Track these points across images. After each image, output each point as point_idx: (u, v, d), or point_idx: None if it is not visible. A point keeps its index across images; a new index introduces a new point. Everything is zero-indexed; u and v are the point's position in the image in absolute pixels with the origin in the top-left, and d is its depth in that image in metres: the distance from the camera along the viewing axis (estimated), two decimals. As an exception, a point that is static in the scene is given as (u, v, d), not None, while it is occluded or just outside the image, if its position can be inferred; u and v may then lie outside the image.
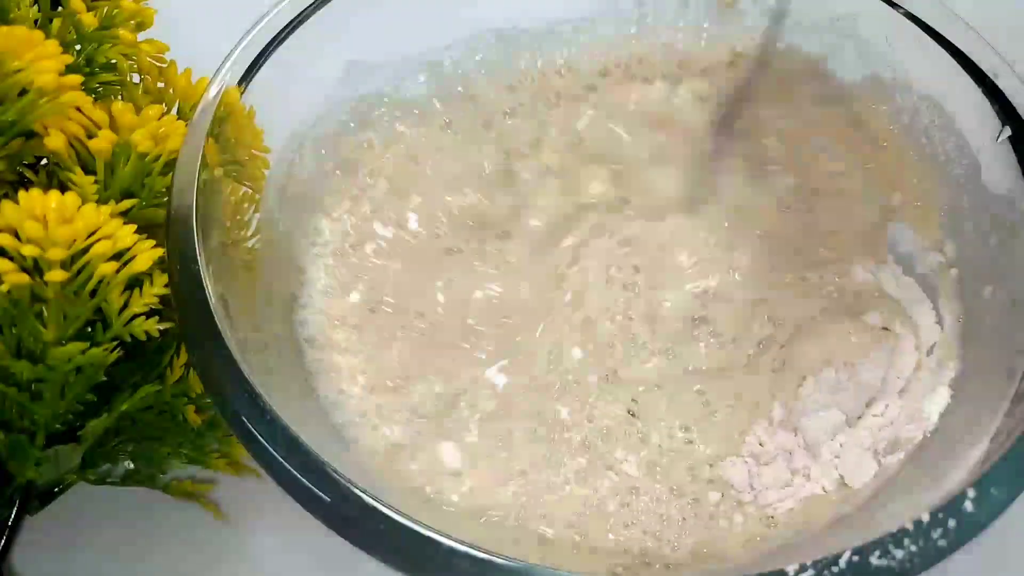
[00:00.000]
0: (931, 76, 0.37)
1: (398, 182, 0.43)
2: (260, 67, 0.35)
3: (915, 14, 0.37)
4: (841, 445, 0.34)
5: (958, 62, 0.35)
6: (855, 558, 0.24)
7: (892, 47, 0.38)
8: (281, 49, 0.36)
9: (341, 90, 0.41)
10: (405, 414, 0.36)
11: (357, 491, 0.25)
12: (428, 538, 0.24)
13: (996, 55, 0.35)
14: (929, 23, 0.36)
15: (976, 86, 0.35)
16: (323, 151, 0.41)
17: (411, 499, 0.34)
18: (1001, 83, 0.34)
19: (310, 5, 0.37)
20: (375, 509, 0.25)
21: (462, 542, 0.24)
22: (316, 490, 0.26)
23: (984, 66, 0.35)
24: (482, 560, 0.24)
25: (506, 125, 0.45)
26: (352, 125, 0.42)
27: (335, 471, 0.26)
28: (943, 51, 0.36)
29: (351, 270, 0.40)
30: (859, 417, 0.35)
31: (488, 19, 0.44)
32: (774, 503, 0.33)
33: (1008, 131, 0.34)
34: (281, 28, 0.36)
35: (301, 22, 0.37)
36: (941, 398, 0.34)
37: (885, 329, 0.37)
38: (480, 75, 0.45)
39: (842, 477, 0.34)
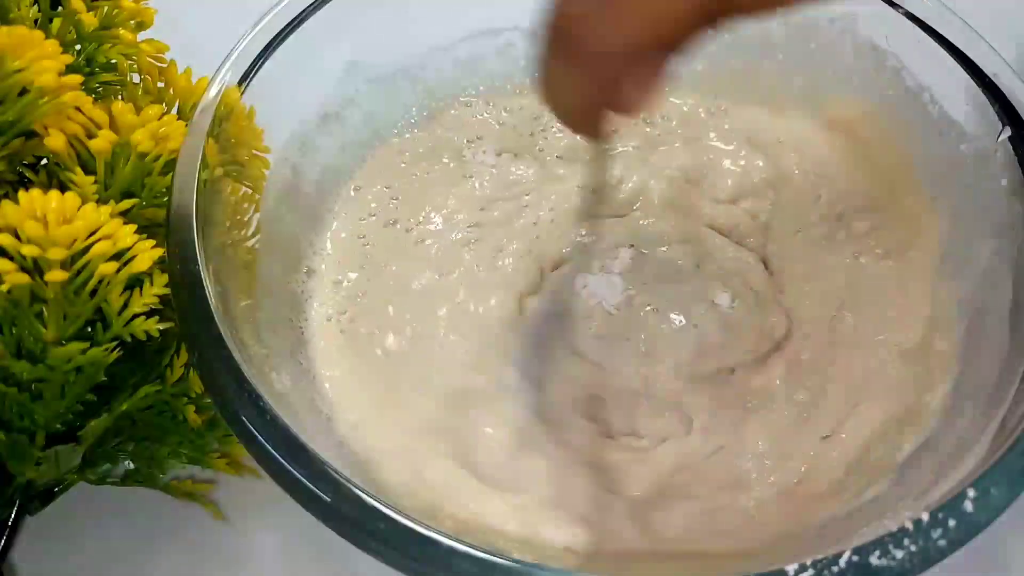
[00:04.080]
0: (931, 76, 0.37)
1: (400, 182, 0.43)
2: (260, 67, 0.35)
3: (915, 14, 0.37)
4: None
5: (958, 62, 0.35)
6: (855, 558, 0.24)
7: (892, 47, 0.38)
8: (281, 49, 0.36)
9: (342, 90, 0.41)
10: (404, 413, 0.36)
11: (357, 491, 0.25)
12: (428, 538, 0.24)
13: (996, 55, 0.35)
14: (929, 23, 0.36)
15: (977, 86, 0.35)
16: (324, 150, 0.41)
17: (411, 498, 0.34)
18: (1001, 83, 0.34)
19: (310, 5, 0.37)
20: (375, 509, 0.25)
21: (462, 542, 0.24)
22: (316, 490, 0.26)
23: (984, 66, 0.35)
24: (482, 560, 0.24)
25: (509, 129, 0.45)
26: (353, 125, 0.42)
27: (335, 471, 0.26)
28: (943, 51, 0.36)
29: (352, 269, 0.40)
30: None
31: (489, 20, 0.44)
32: None
33: (1008, 131, 0.34)
34: (281, 28, 0.36)
35: (301, 22, 0.37)
36: (942, 398, 0.34)
37: None
38: (483, 76, 0.45)
39: None
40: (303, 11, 0.37)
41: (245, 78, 0.35)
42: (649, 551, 0.32)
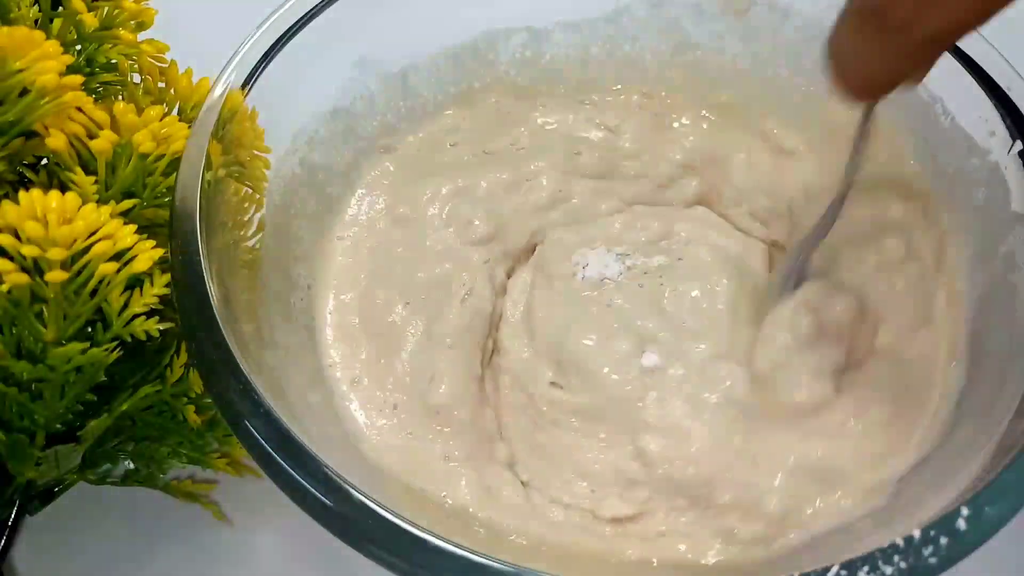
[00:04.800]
0: (944, 87, 0.37)
1: (401, 182, 0.43)
2: (266, 66, 0.35)
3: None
4: None
5: (971, 74, 0.35)
6: (843, 572, 0.24)
7: None
8: (289, 47, 0.36)
9: (351, 86, 0.41)
10: (406, 413, 0.36)
11: (352, 490, 0.25)
12: (421, 539, 0.24)
13: (1010, 68, 0.34)
14: None
15: (989, 99, 0.34)
16: (326, 151, 0.41)
17: (412, 497, 0.34)
18: (1014, 96, 0.34)
19: (315, 6, 0.37)
20: (364, 506, 0.25)
21: (457, 545, 0.24)
22: (309, 487, 0.26)
23: (998, 79, 0.34)
24: (476, 564, 0.24)
25: (517, 130, 0.45)
26: (362, 121, 0.42)
27: (333, 472, 0.26)
28: (957, 63, 0.35)
29: (358, 268, 0.40)
30: None
31: (500, 19, 0.44)
32: None
33: (1020, 145, 0.33)
34: (288, 27, 0.36)
35: (305, 23, 0.37)
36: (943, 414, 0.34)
37: None
38: (490, 76, 0.45)
39: None
40: (311, 10, 0.37)
41: (250, 78, 0.35)
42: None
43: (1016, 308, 0.33)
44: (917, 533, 0.24)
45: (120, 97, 0.34)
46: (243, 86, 0.34)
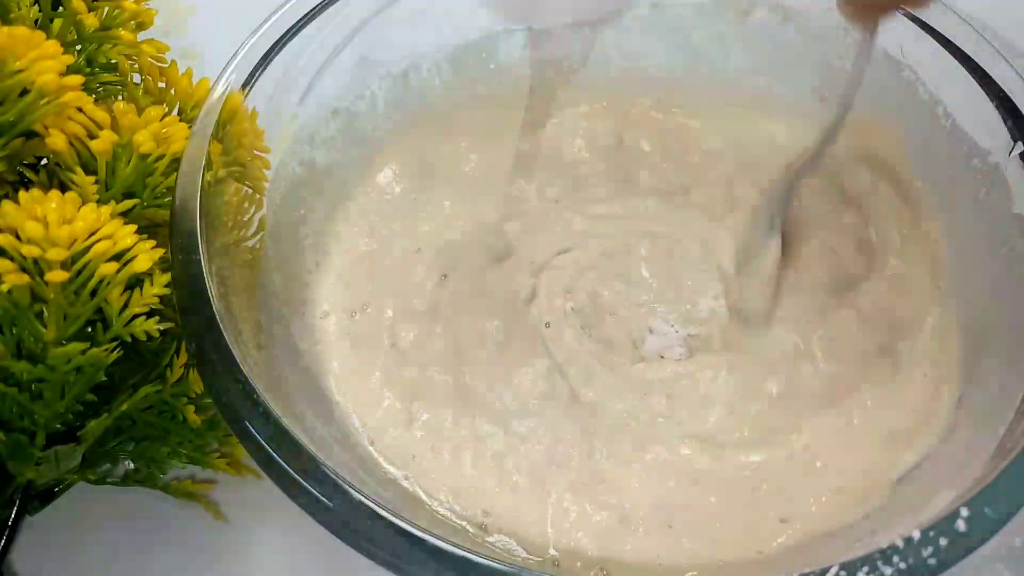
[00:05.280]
0: (945, 89, 0.37)
1: (410, 178, 0.43)
2: (264, 69, 0.35)
3: (932, 26, 0.36)
4: None
5: (973, 76, 0.35)
6: (842, 573, 0.24)
7: (907, 58, 0.38)
8: (285, 50, 0.36)
9: (352, 85, 0.41)
10: (404, 412, 0.36)
11: (352, 490, 0.25)
12: (421, 539, 0.24)
13: (1011, 70, 0.34)
14: (946, 35, 0.36)
15: (990, 101, 0.34)
16: (326, 150, 0.41)
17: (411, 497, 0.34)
18: (1015, 99, 0.34)
19: (315, 6, 0.37)
20: (370, 509, 0.25)
21: (457, 545, 0.24)
22: (313, 489, 0.26)
23: (999, 81, 0.34)
24: (476, 564, 0.24)
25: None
26: (356, 125, 0.42)
27: (333, 472, 0.26)
28: (958, 64, 0.35)
29: (357, 267, 0.40)
30: None
31: (497, 20, 0.44)
32: None
33: (1020, 147, 0.33)
34: (285, 30, 0.36)
35: (305, 23, 0.37)
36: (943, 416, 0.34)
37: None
38: (495, 74, 0.45)
39: None
40: (311, 10, 0.37)
41: (250, 79, 0.35)
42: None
43: (1015, 308, 0.33)
44: (917, 534, 0.25)
45: (120, 97, 0.34)
46: (243, 86, 0.35)
